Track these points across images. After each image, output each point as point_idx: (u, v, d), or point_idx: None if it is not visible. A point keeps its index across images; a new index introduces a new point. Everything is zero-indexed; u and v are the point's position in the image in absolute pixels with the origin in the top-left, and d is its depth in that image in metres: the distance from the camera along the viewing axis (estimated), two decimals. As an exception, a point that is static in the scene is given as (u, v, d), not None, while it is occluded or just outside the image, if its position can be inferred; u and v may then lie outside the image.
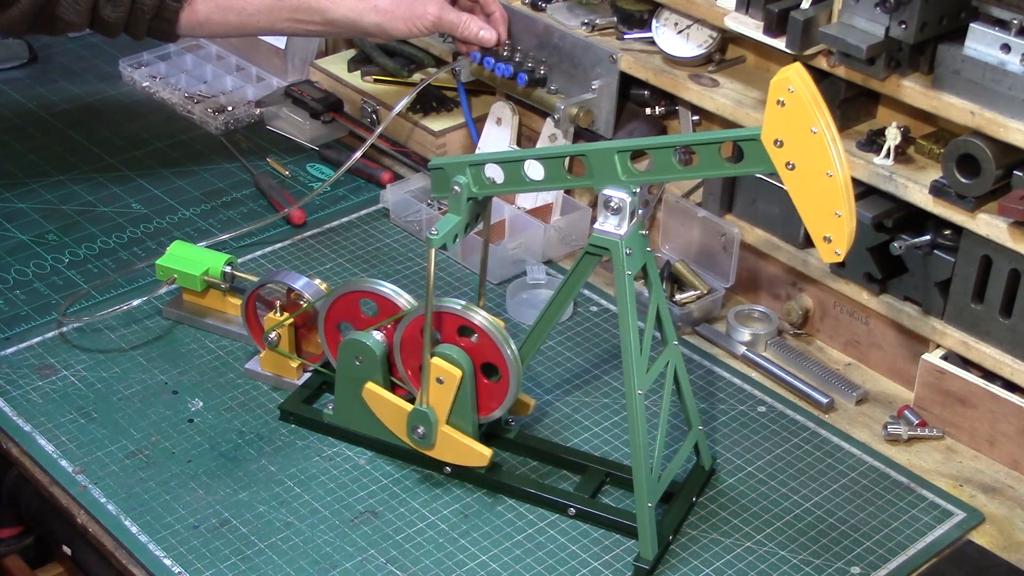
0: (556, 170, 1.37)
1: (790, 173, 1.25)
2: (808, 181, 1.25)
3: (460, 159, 1.41)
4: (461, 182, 1.39)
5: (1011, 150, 1.42)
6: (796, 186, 1.26)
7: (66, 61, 2.32)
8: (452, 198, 1.40)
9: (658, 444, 1.39)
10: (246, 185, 1.99)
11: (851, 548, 1.42)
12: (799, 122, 1.23)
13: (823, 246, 1.27)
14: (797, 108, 1.22)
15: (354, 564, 1.38)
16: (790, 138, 1.24)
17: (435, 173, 1.43)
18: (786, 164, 1.25)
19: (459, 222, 1.40)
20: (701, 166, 1.31)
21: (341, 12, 1.75)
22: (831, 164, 1.23)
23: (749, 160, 1.28)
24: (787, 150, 1.24)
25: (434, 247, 1.37)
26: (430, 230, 1.37)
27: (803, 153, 1.24)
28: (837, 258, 1.27)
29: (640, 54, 1.77)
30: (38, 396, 1.58)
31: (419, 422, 1.45)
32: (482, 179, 1.40)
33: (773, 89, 1.23)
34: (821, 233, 1.27)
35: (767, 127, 1.24)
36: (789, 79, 1.22)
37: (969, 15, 1.45)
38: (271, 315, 1.57)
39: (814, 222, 1.27)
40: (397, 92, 2.05)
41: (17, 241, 1.85)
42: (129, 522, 1.41)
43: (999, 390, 1.51)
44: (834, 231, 1.26)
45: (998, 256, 1.48)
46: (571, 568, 1.39)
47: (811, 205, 1.26)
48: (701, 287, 1.74)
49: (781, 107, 1.23)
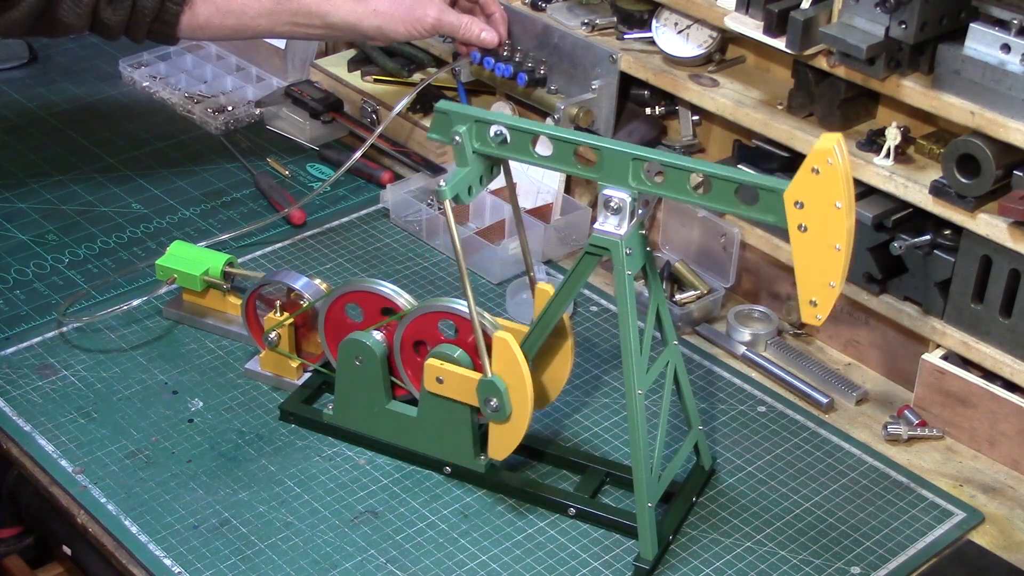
0: (565, 154, 1.36)
1: (800, 234, 1.25)
2: (814, 247, 1.25)
3: (468, 110, 1.38)
4: (460, 132, 1.36)
5: (1011, 150, 1.42)
6: (801, 248, 1.26)
7: (66, 61, 2.32)
8: (456, 149, 1.37)
9: (658, 444, 1.39)
10: (246, 185, 1.99)
11: (851, 548, 1.42)
12: (827, 193, 1.23)
13: (807, 308, 1.28)
14: (829, 180, 1.22)
15: (354, 564, 1.38)
16: (812, 204, 1.24)
17: (438, 115, 1.38)
18: (799, 226, 1.25)
19: (467, 173, 1.37)
20: (712, 198, 1.30)
21: (341, 16, 1.75)
22: (842, 239, 1.24)
23: (762, 207, 1.28)
24: (805, 213, 1.24)
25: (444, 199, 1.34)
26: (439, 182, 1.35)
27: (819, 221, 1.24)
28: (817, 322, 1.29)
29: (640, 54, 1.77)
30: (38, 396, 1.58)
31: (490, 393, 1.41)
32: (486, 137, 1.37)
33: (813, 157, 1.22)
34: (810, 296, 1.28)
35: (793, 188, 1.24)
36: (830, 151, 1.21)
37: (969, 15, 1.45)
38: (271, 315, 1.57)
39: (806, 285, 1.28)
40: (397, 92, 2.05)
41: (17, 241, 1.85)
42: (129, 522, 1.41)
43: (999, 390, 1.51)
44: (823, 298, 1.27)
45: (998, 256, 1.48)
46: (571, 568, 1.39)
47: (809, 269, 1.27)
48: (701, 287, 1.74)
49: (814, 174, 1.22)
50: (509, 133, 1.36)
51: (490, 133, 1.36)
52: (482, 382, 1.40)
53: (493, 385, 1.39)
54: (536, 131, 1.36)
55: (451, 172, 1.37)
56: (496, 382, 1.39)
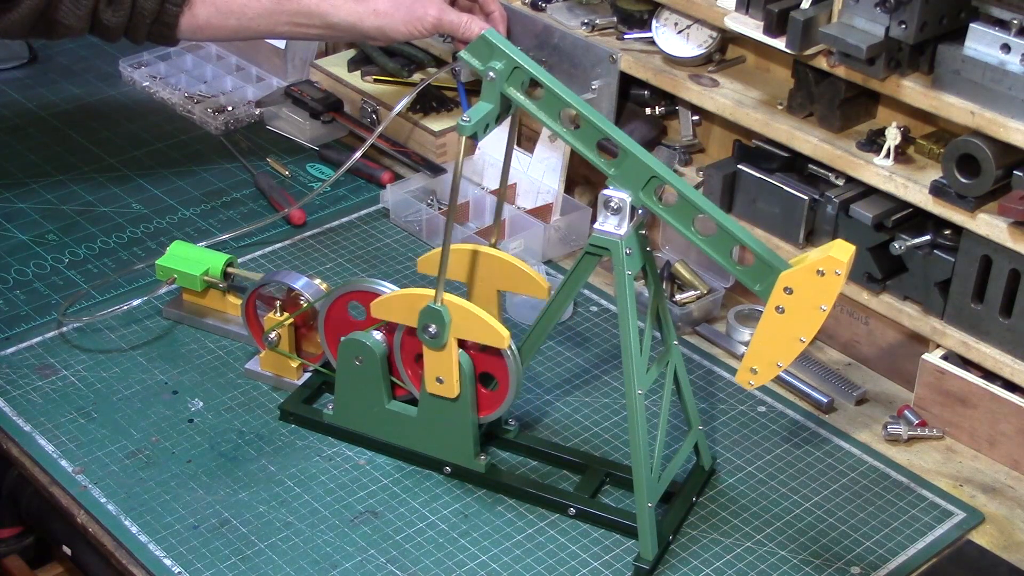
0: (589, 137, 1.35)
1: (775, 314, 1.28)
2: (782, 331, 1.29)
3: (512, 51, 1.35)
4: (497, 69, 1.34)
5: (1011, 150, 1.42)
6: (769, 326, 1.29)
7: (66, 61, 2.32)
8: (487, 84, 1.35)
9: (658, 444, 1.39)
10: (246, 185, 1.99)
11: (851, 548, 1.42)
12: (820, 295, 1.26)
13: (745, 372, 1.33)
14: (829, 286, 1.25)
15: (354, 564, 1.38)
16: (800, 297, 1.27)
17: (481, 41, 1.35)
18: (777, 307, 1.28)
19: (491, 110, 1.35)
20: (711, 244, 1.32)
21: (341, 16, 1.75)
22: (810, 335, 1.28)
23: (753, 273, 1.31)
24: (789, 300, 1.27)
25: (465, 135, 1.32)
26: (462, 117, 1.33)
27: (799, 313, 1.27)
28: (748, 387, 1.36)
29: (640, 54, 1.77)
30: (38, 396, 1.58)
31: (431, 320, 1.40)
32: (519, 82, 1.35)
33: (824, 262, 1.24)
34: (754, 364, 1.32)
35: (791, 276, 1.26)
36: (843, 264, 1.24)
37: (969, 15, 1.45)
38: (271, 315, 1.57)
39: (757, 355, 1.31)
40: (397, 92, 2.05)
41: (17, 241, 1.85)
42: (129, 522, 1.41)
43: (999, 390, 1.51)
44: (764, 371, 1.32)
45: (998, 256, 1.48)
46: (571, 568, 1.39)
47: (767, 345, 1.30)
48: (701, 287, 1.74)
49: (818, 276, 1.25)
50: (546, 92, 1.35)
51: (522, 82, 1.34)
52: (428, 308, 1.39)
53: (438, 314, 1.39)
54: (571, 103, 1.35)
55: (475, 107, 1.34)
56: (443, 311, 1.39)
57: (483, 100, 1.36)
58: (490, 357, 1.42)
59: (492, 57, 1.35)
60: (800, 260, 1.28)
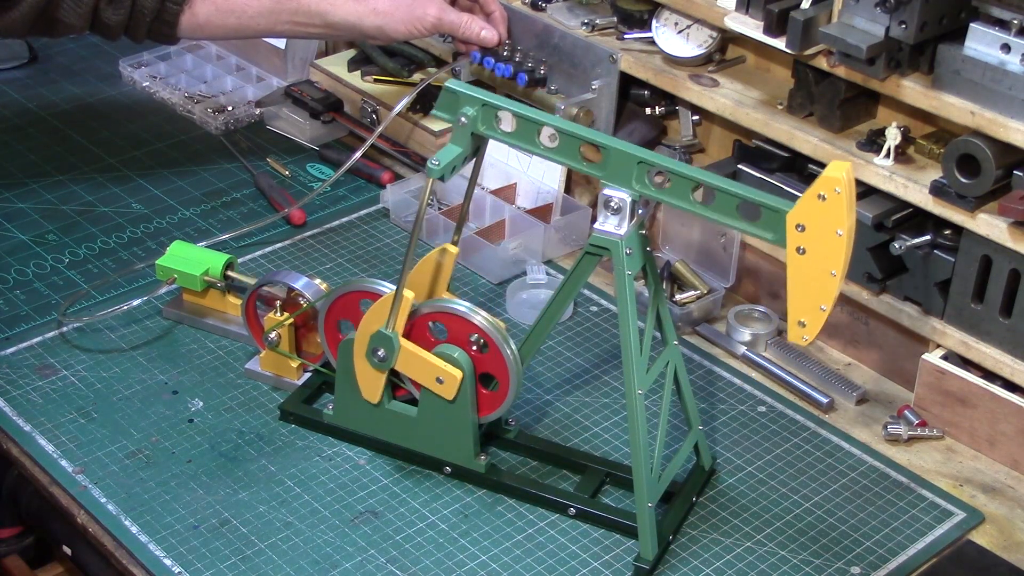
0: (570, 148, 1.35)
1: (797, 256, 1.26)
2: (811, 271, 1.26)
3: (477, 93, 1.37)
4: (469, 114, 1.36)
5: (1011, 150, 1.42)
6: (797, 270, 1.27)
7: (66, 61, 2.32)
8: (457, 128, 1.37)
9: (658, 444, 1.39)
10: (246, 185, 1.99)
11: (851, 548, 1.42)
12: (830, 220, 1.23)
13: (795, 328, 1.29)
14: (834, 208, 1.23)
15: (354, 564, 1.38)
16: (813, 229, 1.24)
17: (446, 93, 1.38)
18: (797, 248, 1.25)
19: (460, 154, 1.37)
20: (713, 209, 1.30)
21: (341, 15, 1.75)
22: (839, 266, 1.25)
23: (763, 225, 1.28)
24: (805, 237, 1.25)
25: (433, 177, 1.35)
26: (431, 160, 1.35)
27: (819, 246, 1.25)
28: (803, 343, 1.30)
29: (640, 54, 1.77)
30: (38, 396, 1.58)
31: (380, 344, 1.43)
32: (491, 121, 1.37)
33: (821, 183, 1.22)
34: (799, 317, 1.29)
35: (797, 211, 1.24)
36: (839, 180, 1.22)
37: (969, 15, 1.45)
38: (271, 315, 1.57)
39: (798, 306, 1.28)
40: (397, 92, 2.05)
41: (17, 241, 1.85)
42: (129, 522, 1.41)
43: (999, 390, 1.51)
44: (812, 320, 1.28)
45: (998, 256, 1.48)
46: (571, 568, 1.39)
47: (803, 291, 1.27)
48: (701, 287, 1.74)
49: (820, 200, 1.23)
50: (516, 121, 1.35)
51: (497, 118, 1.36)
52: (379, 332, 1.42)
53: (389, 340, 1.42)
54: (544, 122, 1.35)
55: (444, 149, 1.36)
56: (392, 337, 1.41)
57: (452, 143, 1.38)
58: (490, 357, 1.42)
59: (460, 104, 1.37)
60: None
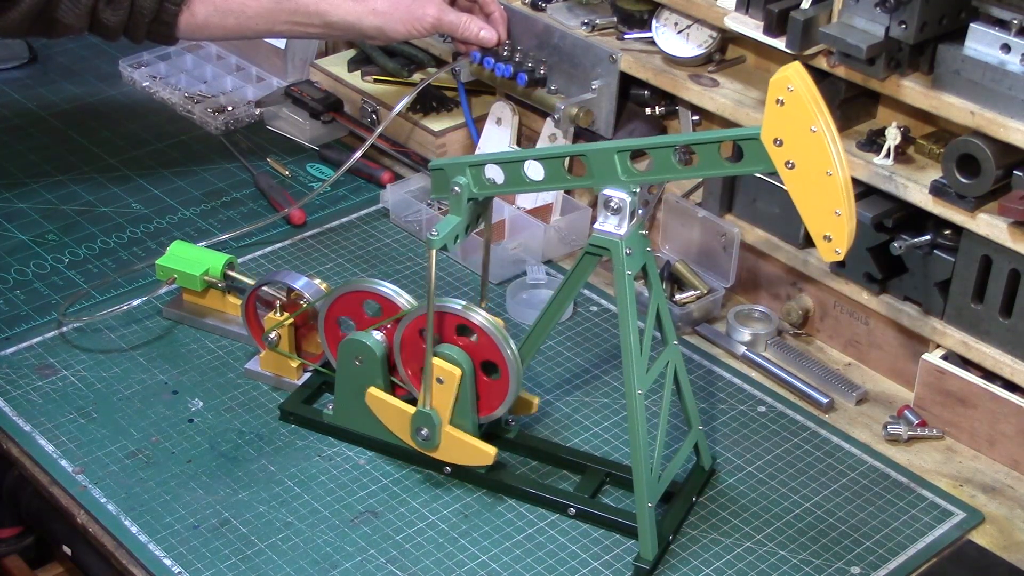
0: (556, 170, 1.37)
1: (790, 172, 1.25)
2: (808, 180, 1.25)
3: (460, 160, 1.41)
4: (461, 183, 1.39)
5: (1011, 150, 1.42)
6: (796, 185, 1.26)
7: (66, 61, 2.32)
8: (452, 199, 1.40)
9: (658, 444, 1.39)
10: (246, 185, 1.99)
11: (851, 548, 1.42)
12: (798, 121, 1.23)
13: (823, 245, 1.28)
14: (796, 107, 1.23)
15: (354, 564, 1.38)
16: (789, 137, 1.24)
17: (435, 174, 1.43)
18: (786, 163, 1.25)
19: (459, 223, 1.40)
20: (701, 166, 1.31)
21: (340, 15, 1.75)
22: (830, 163, 1.23)
23: (748, 160, 1.28)
24: (786, 149, 1.25)
25: (435, 248, 1.37)
26: (430, 231, 1.37)
27: (803, 152, 1.24)
28: (837, 257, 1.28)
29: (640, 54, 1.77)
30: (38, 396, 1.58)
31: (423, 424, 1.45)
32: (482, 180, 1.40)
33: (772, 88, 1.23)
34: (821, 232, 1.27)
35: (766, 126, 1.25)
36: (788, 78, 1.22)
37: (969, 15, 1.45)
38: (271, 315, 1.57)
39: (814, 221, 1.27)
40: (397, 92, 2.05)
41: (17, 241, 1.85)
42: (129, 522, 1.41)
43: (999, 390, 1.51)
44: (834, 230, 1.26)
45: (998, 256, 1.48)
46: (571, 568, 1.39)
47: (811, 204, 1.26)
48: (701, 287, 1.74)
49: (780, 106, 1.23)
50: (502, 169, 1.38)
51: (485, 176, 1.38)
52: (418, 412, 1.44)
53: (428, 417, 1.44)
54: (523, 157, 1.38)
55: (443, 221, 1.39)
56: (432, 415, 1.44)
57: (451, 213, 1.40)
58: (490, 347, 1.42)
59: (451, 176, 1.40)
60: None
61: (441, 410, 1.43)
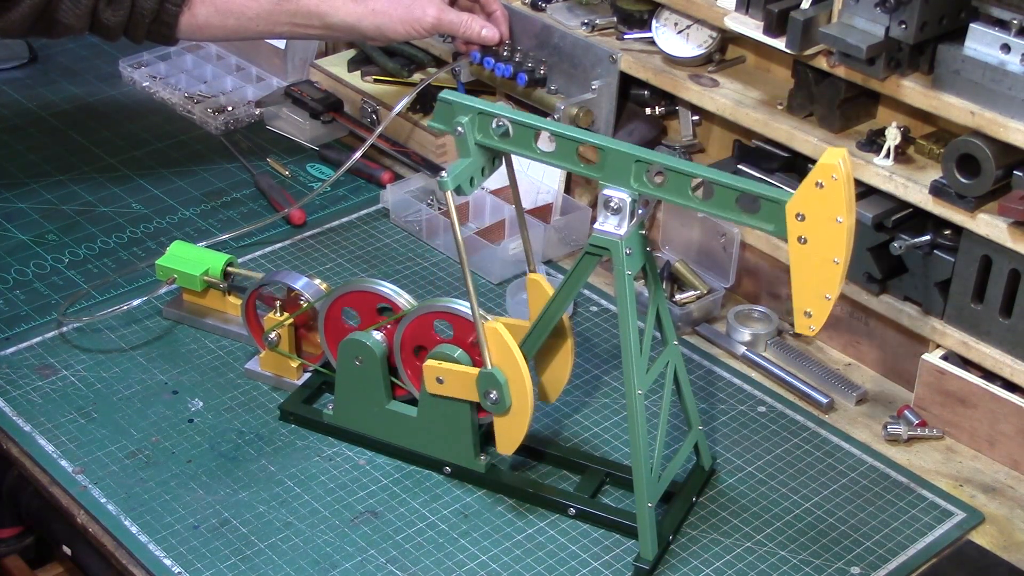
0: (567, 151, 1.35)
1: (799, 246, 1.25)
2: (813, 260, 1.25)
3: (471, 102, 1.37)
4: (463, 123, 1.36)
5: (1011, 150, 1.42)
6: (799, 260, 1.26)
7: (66, 61, 2.32)
8: (458, 139, 1.37)
9: (658, 444, 1.39)
10: (246, 185, 1.99)
11: (851, 548, 1.42)
12: (829, 208, 1.23)
13: (802, 318, 1.29)
14: (832, 195, 1.23)
15: (354, 564, 1.38)
16: (813, 217, 1.24)
17: (440, 105, 1.38)
18: (799, 238, 1.25)
19: (469, 164, 1.36)
20: (713, 204, 1.30)
21: (340, 16, 1.75)
22: (841, 254, 1.24)
23: (763, 216, 1.28)
24: (805, 226, 1.25)
25: (446, 190, 1.33)
26: (441, 173, 1.34)
27: (820, 235, 1.24)
28: (811, 333, 1.29)
29: (640, 54, 1.77)
30: (38, 396, 1.58)
31: (489, 386, 1.40)
32: (488, 129, 1.37)
33: (818, 171, 1.22)
34: (805, 307, 1.28)
35: (796, 200, 1.24)
36: (835, 167, 1.22)
37: (969, 15, 1.45)
38: (271, 315, 1.57)
39: (802, 296, 1.28)
40: (397, 92, 2.05)
41: (17, 241, 1.85)
42: (129, 522, 1.41)
43: (999, 390, 1.51)
44: (818, 310, 1.28)
45: (998, 256, 1.48)
46: (571, 568, 1.39)
47: (807, 281, 1.27)
48: (701, 287, 1.74)
49: (818, 188, 1.23)
50: (512, 126, 1.36)
51: (492, 125, 1.36)
52: (481, 374, 1.39)
53: (492, 377, 1.39)
54: (538, 126, 1.35)
55: (454, 163, 1.36)
56: (496, 373, 1.38)
57: (459, 155, 1.37)
58: None
59: (454, 115, 1.37)
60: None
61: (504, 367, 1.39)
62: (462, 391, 1.42)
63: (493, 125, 1.36)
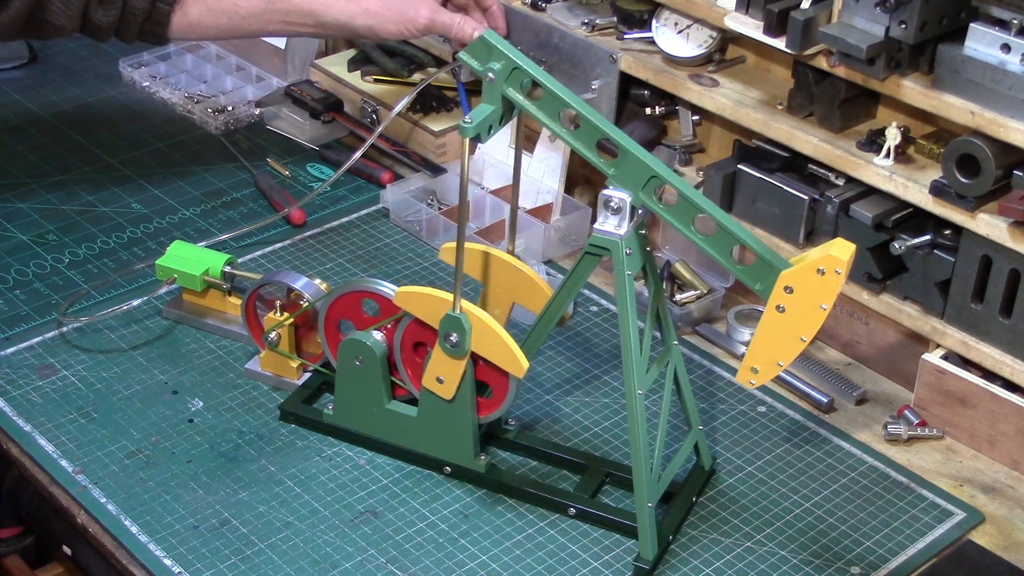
0: (588, 137, 1.34)
1: (775, 313, 1.28)
2: (781, 330, 1.29)
3: (512, 52, 1.34)
4: (495, 70, 1.34)
5: (1011, 150, 1.42)
6: (770, 325, 1.29)
7: (66, 61, 2.32)
8: (487, 85, 1.35)
9: (658, 444, 1.39)
10: (246, 185, 1.99)
11: (851, 548, 1.42)
12: (820, 294, 1.26)
13: (746, 371, 1.32)
14: (828, 285, 1.25)
15: (354, 564, 1.38)
16: (800, 296, 1.26)
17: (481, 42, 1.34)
18: (778, 306, 1.28)
19: (493, 112, 1.34)
20: (711, 244, 1.31)
21: (332, 15, 1.74)
22: (811, 335, 1.28)
23: (751, 273, 1.30)
24: (790, 299, 1.27)
25: (467, 136, 1.32)
26: (464, 119, 1.32)
27: (799, 311, 1.27)
28: (750, 386, 1.35)
29: (640, 54, 1.77)
30: (38, 396, 1.58)
31: (452, 328, 1.40)
32: (518, 83, 1.34)
33: (825, 260, 1.24)
34: (755, 364, 1.32)
35: (793, 274, 1.26)
36: (844, 263, 1.24)
37: (969, 15, 1.45)
38: (271, 315, 1.57)
39: (758, 355, 1.31)
40: (397, 92, 2.05)
41: (17, 241, 1.85)
42: (129, 522, 1.41)
43: (999, 390, 1.51)
44: (766, 371, 1.32)
45: (998, 256, 1.48)
46: (571, 568, 1.39)
47: (767, 343, 1.30)
48: (701, 287, 1.74)
49: (819, 274, 1.25)
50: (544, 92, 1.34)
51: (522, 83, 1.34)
52: (447, 316, 1.39)
53: (457, 321, 1.39)
54: (570, 104, 1.34)
55: (477, 108, 1.34)
56: (462, 319, 1.38)
57: (484, 102, 1.35)
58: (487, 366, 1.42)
59: (491, 58, 1.34)
60: (800, 259, 1.28)
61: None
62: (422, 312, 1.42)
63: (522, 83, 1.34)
